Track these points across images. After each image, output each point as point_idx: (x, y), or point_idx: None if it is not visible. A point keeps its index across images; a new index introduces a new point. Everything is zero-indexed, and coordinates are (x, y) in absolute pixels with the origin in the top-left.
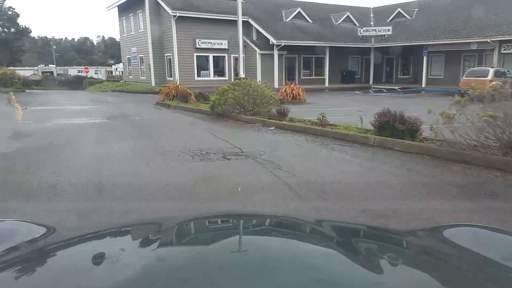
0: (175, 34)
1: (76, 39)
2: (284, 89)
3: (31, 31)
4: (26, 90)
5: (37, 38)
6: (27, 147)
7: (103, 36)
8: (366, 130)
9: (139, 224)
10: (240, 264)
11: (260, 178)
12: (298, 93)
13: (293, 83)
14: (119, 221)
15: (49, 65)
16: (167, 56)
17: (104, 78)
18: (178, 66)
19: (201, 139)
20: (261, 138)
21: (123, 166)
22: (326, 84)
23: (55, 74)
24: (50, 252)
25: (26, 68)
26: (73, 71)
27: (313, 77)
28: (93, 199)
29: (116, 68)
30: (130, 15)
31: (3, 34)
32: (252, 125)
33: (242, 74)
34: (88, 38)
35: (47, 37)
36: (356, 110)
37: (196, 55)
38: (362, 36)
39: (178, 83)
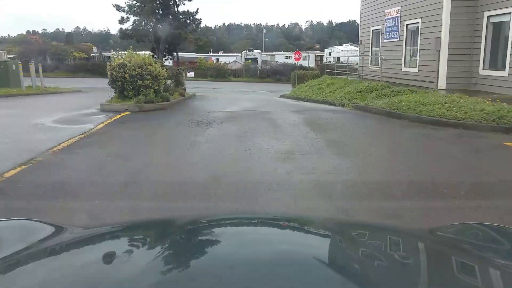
0: None
1: (286, 25)
2: None
3: None
4: (198, 93)
5: (252, 26)
6: None
7: (311, 21)
8: None
9: (149, 222)
10: (250, 264)
11: None
12: None
13: None
14: (129, 219)
15: (254, 50)
16: (490, 17)
17: (313, 65)
18: None
19: None
20: None
21: None
22: None
23: (259, 61)
24: (60, 251)
25: (231, 54)
26: (280, 57)
27: None
28: None
29: (330, 53)
30: None
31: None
32: None
33: None
34: (297, 23)
35: (261, 24)
36: None
37: None
38: None
39: None
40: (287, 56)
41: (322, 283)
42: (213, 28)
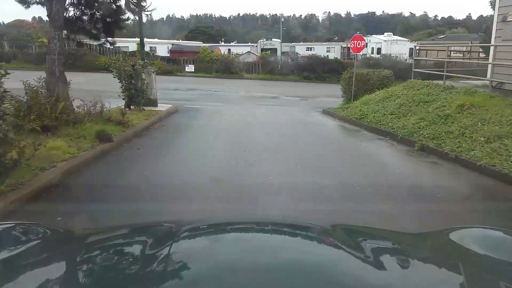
0: None
1: (303, 16)
2: None
3: None
4: (186, 103)
5: (268, 16)
6: None
7: (329, 12)
8: None
9: (151, 226)
10: (250, 268)
11: None
12: None
13: None
14: (131, 222)
15: (273, 39)
16: None
17: (339, 57)
18: None
19: None
20: None
21: None
22: None
23: (278, 52)
24: (58, 253)
25: (245, 44)
26: (300, 49)
27: None
28: None
29: (366, 43)
30: None
31: None
32: None
33: None
34: (314, 15)
35: (276, 15)
36: None
37: None
38: None
39: None
40: (308, 47)
41: (322, 286)
42: (227, 18)
